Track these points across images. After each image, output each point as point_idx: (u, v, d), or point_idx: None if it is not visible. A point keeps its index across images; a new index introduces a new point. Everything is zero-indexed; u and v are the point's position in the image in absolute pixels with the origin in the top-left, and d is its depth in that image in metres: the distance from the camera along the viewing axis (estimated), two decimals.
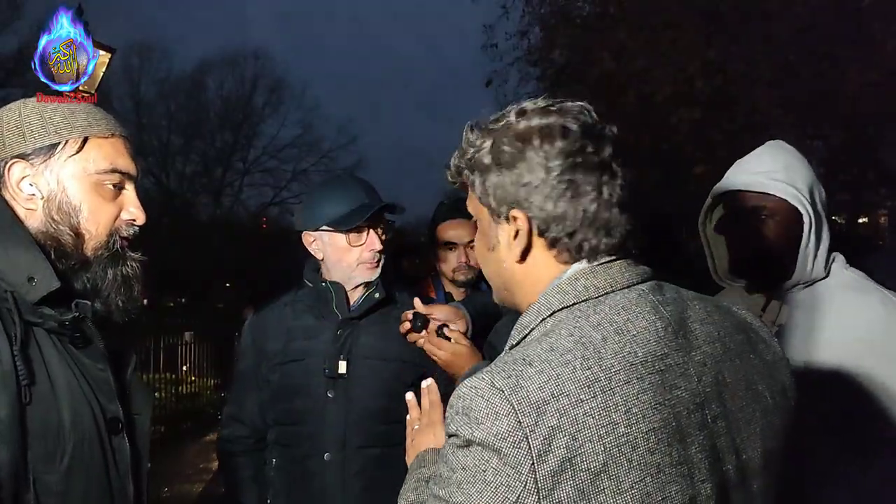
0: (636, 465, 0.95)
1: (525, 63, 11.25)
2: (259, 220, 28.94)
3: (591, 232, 1.08)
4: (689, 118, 8.34)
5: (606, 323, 1.02)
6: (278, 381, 2.12)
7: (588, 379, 0.96)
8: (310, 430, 2.06)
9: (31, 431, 1.19)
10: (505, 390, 0.95)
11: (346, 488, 2.03)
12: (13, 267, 1.23)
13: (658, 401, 0.98)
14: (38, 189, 1.31)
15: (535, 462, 0.92)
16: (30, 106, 1.35)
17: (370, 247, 2.09)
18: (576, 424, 0.94)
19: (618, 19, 9.48)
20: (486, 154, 1.11)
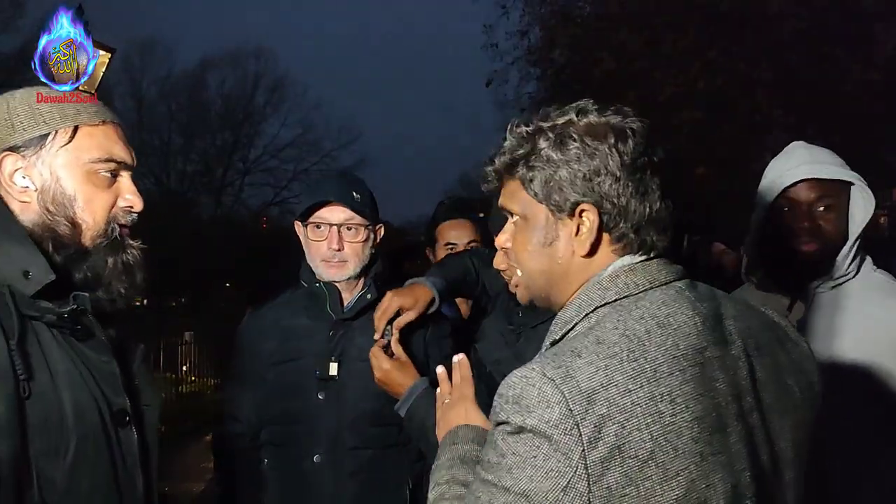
0: (681, 453, 0.99)
1: (525, 63, 11.29)
2: (259, 220, 28.93)
3: (653, 229, 1.11)
4: (690, 119, 8.35)
5: (649, 317, 1.05)
6: (272, 380, 2.11)
7: (635, 370, 1.00)
8: (302, 430, 2.06)
9: (32, 426, 1.17)
10: (556, 379, 0.99)
11: (338, 490, 2.02)
12: (8, 262, 1.22)
13: (700, 391, 1.02)
14: (32, 181, 1.29)
15: (585, 449, 0.96)
16: (17, 97, 1.32)
17: (329, 244, 2.06)
18: (624, 413, 0.97)
19: (618, 20, 9.48)
20: (552, 150, 1.11)
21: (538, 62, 11.15)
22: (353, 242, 2.08)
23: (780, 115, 8.02)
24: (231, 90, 29.50)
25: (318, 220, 2.08)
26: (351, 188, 2.09)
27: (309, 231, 2.10)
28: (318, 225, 2.08)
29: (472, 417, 1.43)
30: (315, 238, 2.09)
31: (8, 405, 1.14)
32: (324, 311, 2.11)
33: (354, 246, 2.08)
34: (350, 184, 2.13)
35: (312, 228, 2.09)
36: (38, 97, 1.32)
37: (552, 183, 1.11)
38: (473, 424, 1.41)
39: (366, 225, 2.08)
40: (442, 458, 1.35)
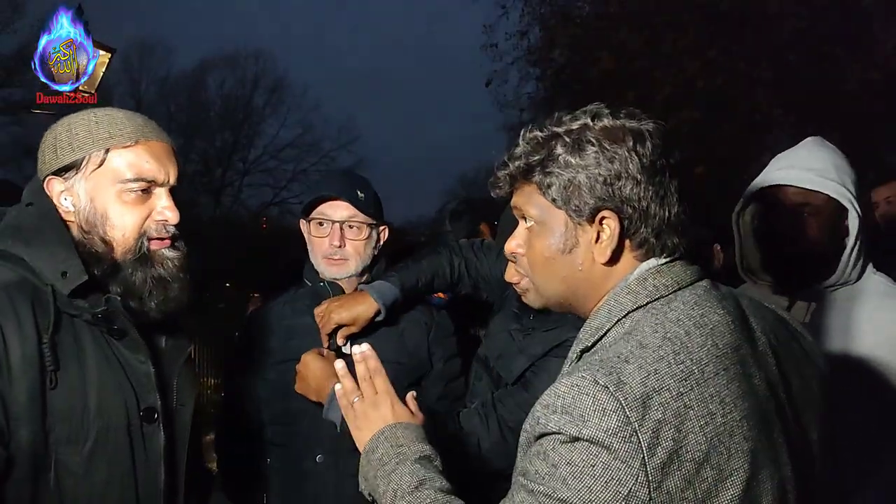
0: (735, 453, 0.99)
1: (525, 63, 11.28)
2: (259, 220, 28.92)
3: (673, 232, 1.11)
4: (689, 118, 8.35)
5: (685, 318, 1.05)
6: (274, 380, 2.10)
7: (683, 373, 1.00)
8: (303, 431, 2.05)
9: (55, 414, 1.27)
10: (610, 387, 0.97)
11: (339, 490, 2.01)
12: (51, 264, 1.32)
13: (744, 389, 1.03)
14: (72, 203, 1.39)
15: (645, 456, 0.95)
16: (65, 123, 1.42)
17: (331, 241, 2.05)
18: (678, 417, 0.97)
19: (618, 19, 9.48)
20: (569, 154, 1.10)
21: (538, 62, 11.14)
22: (355, 241, 2.07)
23: (779, 114, 8.03)
24: (230, 91, 29.53)
25: (321, 216, 2.08)
26: (355, 186, 2.09)
27: (312, 227, 2.10)
28: (321, 222, 2.08)
29: (401, 415, 1.37)
30: (317, 234, 2.09)
31: (30, 394, 1.25)
32: None
33: (356, 244, 2.07)
34: (354, 182, 2.13)
35: (315, 225, 2.09)
36: (79, 122, 1.41)
37: (571, 188, 1.10)
38: (406, 423, 1.35)
39: (368, 224, 2.08)
40: (389, 462, 1.27)
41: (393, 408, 1.37)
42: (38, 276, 1.32)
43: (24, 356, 1.25)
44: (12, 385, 1.23)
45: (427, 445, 1.30)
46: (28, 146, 22.38)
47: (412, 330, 2.14)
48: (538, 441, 1.02)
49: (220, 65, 29.39)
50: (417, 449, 1.28)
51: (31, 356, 1.25)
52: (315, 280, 2.13)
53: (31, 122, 21.11)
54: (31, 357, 1.25)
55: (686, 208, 1.12)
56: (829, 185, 1.74)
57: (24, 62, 5.94)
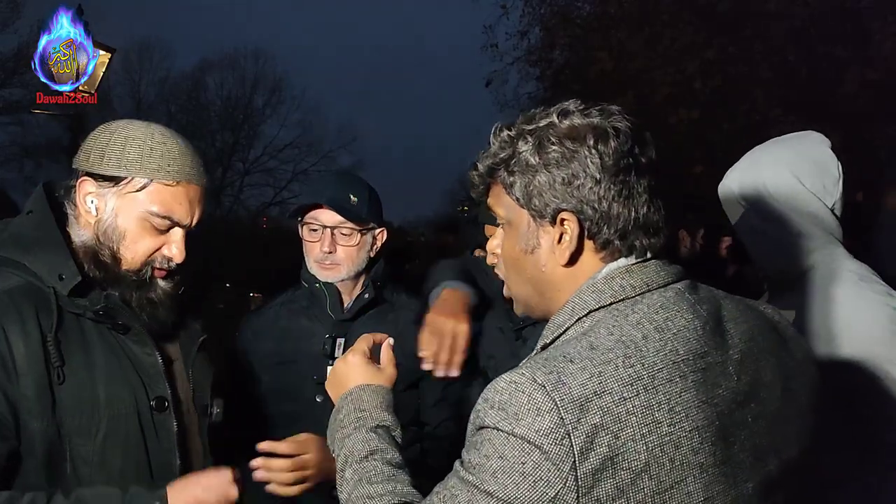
0: (678, 465, 0.95)
1: (525, 63, 11.28)
2: (259, 220, 28.90)
3: (642, 233, 1.07)
4: (687, 118, 8.35)
5: (646, 321, 1.01)
6: (270, 382, 2.10)
7: (631, 377, 0.95)
8: (300, 432, 2.05)
9: (65, 407, 1.36)
10: (547, 386, 0.94)
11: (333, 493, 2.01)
12: (49, 268, 1.40)
13: (701, 399, 0.98)
14: (97, 209, 1.46)
15: (576, 460, 0.92)
16: (121, 134, 1.47)
17: (321, 246, 2.05)
18: (619, 423, 0.93)
19: (617, 19, 9.49)
20: (529, 154, 1.08)
21: (538, 62, 11.14)
22: (347, 246, 2.06)
23: (778, 114, 8.02)
24: (230, 91, 29.50)
25: (312, 221, 2.07)
26: (349, 191, 2.08)
27: (304, 232, 2.10)
28: (313, 226, 2.08)
29: (371, 375, 1.34)
30: (309, 239, 2.09)
31: (38, 389, 1.33)
32: (324, 312, 2.11)
33: (348, 250, 2.07)
34: (348, 186, 2.11)
35: (307, 229, 2.09)
36: (134, 139, 1.46)
37: (531, 188, 1.08)
38: (376, 385, 1.32)
39: (360, 230, 2.07)
40: (347, 424, 1.25)
41: (363, 368, 1.34)
42: (39, 279, 1.40)
43: (28, 355, 1.33)
44: (19, 381, 1.32)
45: (388, 414, 1.27)
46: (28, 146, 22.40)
47: (409, 332, 2.14)
48: (478, 432, 1.00)
49: (219, 65, 29.38)
50: (377, 416, 1.26)
51: (35, 353, 1.33)
52: (311, 281, 2.13)
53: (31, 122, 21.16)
54: (35, 354, 1.33)
55: (660, 207, 1.08)
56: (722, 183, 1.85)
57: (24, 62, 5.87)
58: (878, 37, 7.39)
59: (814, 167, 1.76)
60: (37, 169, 21.34)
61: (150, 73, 28.47)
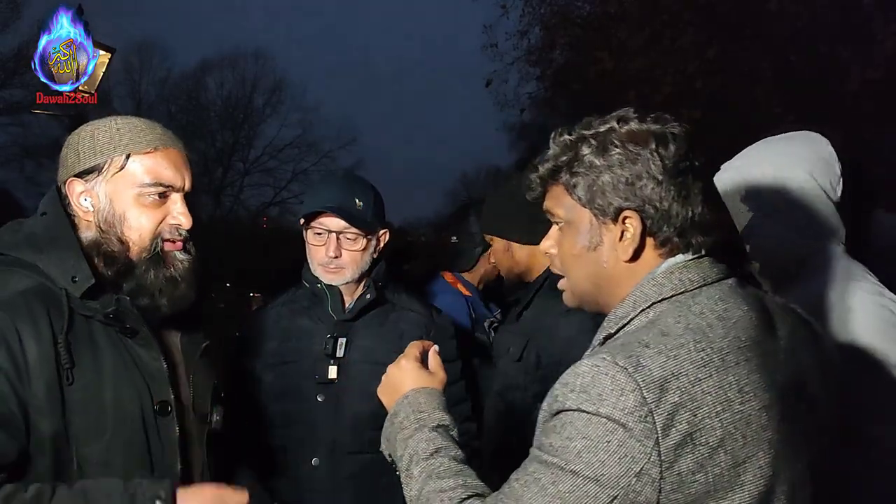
0: (750, 441, 1.03)
1: (525, 63, 11.26)
2: (259, 220, 28.92)
3: (698, 231, 1.15)
4: (689, 117, 8.34)
5: (708, 311, 1.09)
6: (271, 382, 2.10)
7: (703, 360, 1.03)
8: (300, 433, 2.05)
9: (73, 408, 1.37)
10: (628, 368, 1.01)
11: (336, 493, 2.01)
12: (62, 270, 1.41)
13: (765, 381, 1.07)
14: (92, 204, 1.47)
15: (659, 436, 0.99)
16: (87, 129, 1.50)
17: (326, 251, 2.05)
18: (695, 401, 1.01)
19: (617, 19, 9.48)
20: (593, 155, 1.15)
21: (538, 62, 11.13)
22: (352, 250, 2.07)
23: (779, 113, 8.01)
24: (230, 91, 29.54)
25: (318, 225, 2.07)
26: (354, 195, 2.07)
27: (309, 235, 2.09)
28: (318, 230, 2.07)
29: (424, 379, 1.39)
30: (314, 243, 2.09)
31: (48, 390, 1.34)
32: (325, 312, 2.11)
33: (353, 254, 2.07)
34: (353, 190, 2.10)
35: (312, 233, 2.09)
36: (101, 128, 1.49)
37: (595, 188, 1.15)
38: (430, 388, 1.37)
39: (365, 234, 2.07)
40: (408, 426, 1.30)
41: (416, 372, 1.40)
42: (52, 281, 1.41)
43: (40, 355, 1.34)
44: (31, 382, 1.33)
45: (446, 414, 1.33)
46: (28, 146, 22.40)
47: (412, 332, 2.14)
48: (555, 417, 1.06)
49: (219, 65, 29.42)
50: (437, 417, 1.31)
51: (47, 355, 1.35)
52: (313, 282, 2.13)
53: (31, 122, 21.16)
54: (47, 356, 1.35)
55: (711, 208, 1.17)
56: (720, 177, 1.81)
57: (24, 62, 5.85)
58: (880, 37, 7.38)
59: (824, 164, 1.78)
60: (37, 169, 21.37)
61: (150, 73, 28.57)
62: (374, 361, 2.06)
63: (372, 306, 2.13)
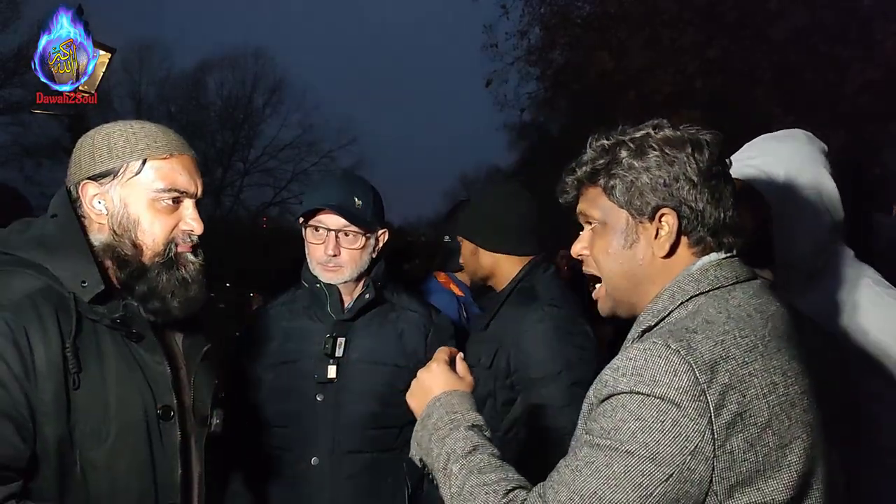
0: (795, 422, 1.08)
1: (525, 63, 11.25)
2: (259, 220, 28.91)
3: (729, 232, 1.21)
4: (688, 118, 8.34)
5: (745, 304, 1.15)
6: (271, 382, 2.10)
7: (748, 345, 1.09)
8: (299, 433, 2.05)
9: (78, 412, 1.37)
10: (681, 351, 1.06)
11: (335, 492, 2.01)
12: (72, 273, 1.41)
13: (803, 368, 1.13)
14: (105, 207, 1.48)
15: (712, 415, 1.03)
16: (102, 132, 1.51)
17: (325, 249, 2.05)
18: (744, 383, 1.06)
19: (617, 19, 9.48)
20: (632, 157, 1.21)
21: (538, 62, 11.12)
22: (351, 249, 2.07)
23: (779, 113, 8.01)
24: (230, 91, 29.52)
25: (317, 223, 2.07)
26: (353, 193, 2.08)
27: (308, 233, 2.09)
28: (317, 228, 2.07)
29: (454, 382, 1.40)
30: (313, 241, 2.08)
31: (55, 394, 1.34)
32: (324, 312, 2.11)
33: (352, 252, 2.07)
34: (353, 188, 2.10)
35: (311, 231, 2.09)
36: (117, 132, 1.49)
37: (633, 189, 1.20)
38: (461, 391, 1.38)
39: (364, 233, 2.07)
40: (443, 426, 1.30)
41: (447, 376, 1.40)
42: (60, 283, 1.40)
43: (48, 359, 1.34)
44: (38, 387, 1.33)
45: (478, 415, 1.35)
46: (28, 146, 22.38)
47: (411, 332, 2.14)
48: (605, 402, 1.09)
49: (219, 65, 29.41)
50: (471, 417, 1.32)
51: (55, 359, 1.34)
52: (312, 281, 2.13)
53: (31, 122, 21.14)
54: (55, 360, 1.34)
55: (739, 211, 1.22)
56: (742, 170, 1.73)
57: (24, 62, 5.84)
58: (880, 37, 7.38)
59: (829, 165, 1.77)
60: (37, 169, 21.37)
61: (150, 73, 28.53)
62: (374, 361, 2.07)
63: (371, 306, 2.13)
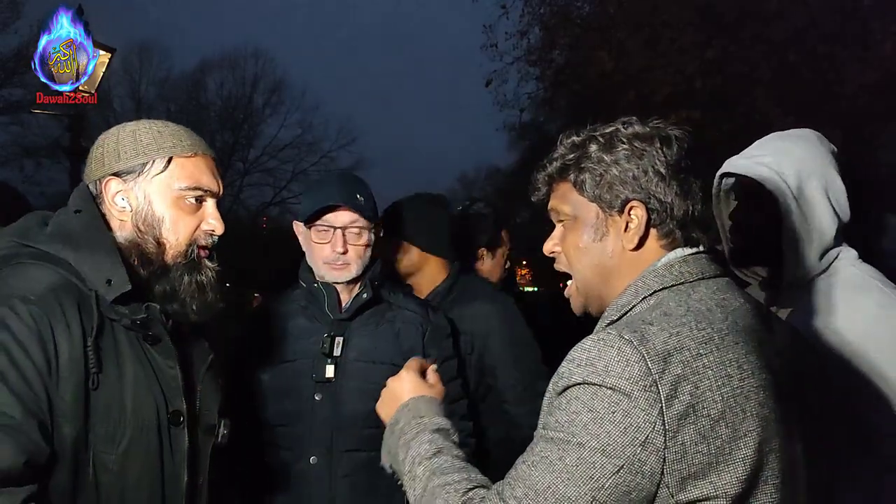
0: (749, 415, 1.07)
1: (525, 63, 11.25)
2: (259, 220, 28.91)
3: (697, 227, 1.21)
4: (688, 118, 8.34)
5: (707, 299, 1.15)
6: (269, 381, 2.11)
7: (704, 337, 1.08)
8: (297, 432, 2.05)
9: (96, 414, 1.35)
10: (633, 341, 1.05)
11: (333, 491, 2.02)
12: (97, 271, 1.39)
13: (762, 363, 1.11)
14: (129, 203, 1.47)
15: (663, 406, 1.02)
16: (127, 129, 1.51)
17: (333, 247, 2.06)
18: (697, 375, 1.05)
19: (617, 19, 9.49)
20: (601, 152, 1.21)
21: (538, 62, 11.12)
22: (357, 245, 2.08)
23: (778, 114, 8.01)
24: (230, 91, 29.49)
25: (324, 222, 2.08)
26: (355, 190, 2.10)
27: (313, 233, 2.09)
28: (323, 228, 2.08)
29: (422, 388, 1.44)
30: (319, 241, 2.09)
31: (75, 394, 1.32)
32: (322, 312, 2.11)
33: (358, 248, 2.08)
34: (354, 185, 2.13)
35: (316, 231, 2.09)
36: (143, 129, 1.50)
37: (603, 182, 1.21)
38: (428, 396, 1.42)
39: (368, 227, 2.09)
40: (408, 431, 1.33)
41: (415, 383, 1.45)
42: (82, 280, 1.38)
43: (70, 357, 1.32)
44: (59, 385, 1.30)
45: (445, 419, 1.36)
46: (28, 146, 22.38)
47: (408, 331, 2.15)
48: (560, 395, 1.09)
49: (219, 65, 29.38)
50: (436, 421, 1.35)
51: (77, 358, 1.33)
52: (310, 281, 2.14)
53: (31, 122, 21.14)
54: (77, 358, 1.32)
55: (709, 207, 1.23)
56: (757, 169, 1.72)
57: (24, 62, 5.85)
58: (879, 37, 7.38)
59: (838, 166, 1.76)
60: (37, 169, 21.36)
61: (150, 73, 28.49)
62: (372, 360, 2.08)
63: (368, 305, 2.14)
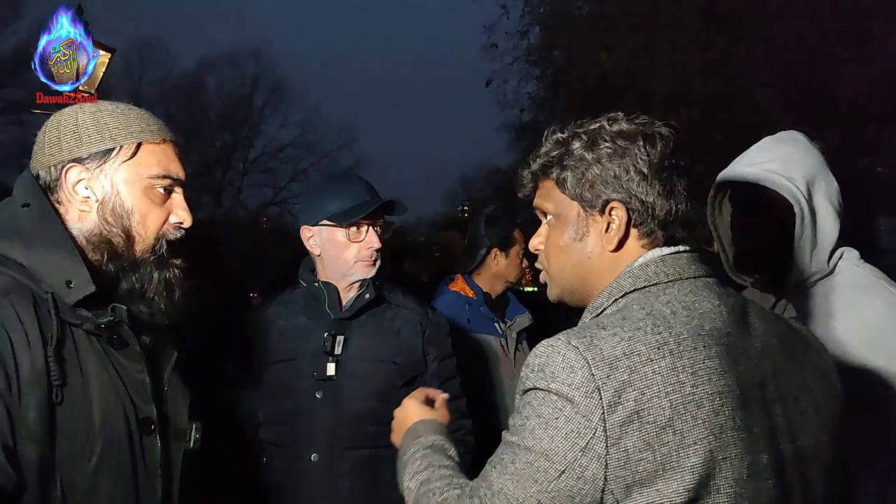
0: (700, 423, 1.03)
1: (525, 63, 11.27)
2: (259, 220, 28.92)
3: (680, 226, 1.19)
4: (688, 118, 8.35)
5: (675, 301, 1.12)
6: (269, 380, 2.11)
7: (657, 342, 1.05)
8: (298, 430, 2.06)
9: (61, 431, 1.21)
10: (580, 347, 1.05)
11: (334, 489, 2.02)
12: (53, 271, 1.26)
13: (724, 368, 1.07)
14: (93, 192, 1.34)
15: (605, 412, 1.01)
16: (86, 111, 1.37)
17: (368, 244, 2.10)
18: (645, 380, 1.03)
19: (617, 19, 9.49)
20: (583, 149, 1.20)
21: (538, 62, 11.14)
22: (381, 240, 2.14)
23: (778, 114, 8.01)
24: (230, 91, 29.51)
25: (365, 220, 2.11)
26: (371, 188, 2.17)
27: (350, 232, 2.11)
28: (365, 224, 2.11)
29: (425, 413, 1.50)
30: (356, 239, 2.11)
31: (38, 412, 1.18)
32: (322, 311, 2.12)
33: (380, 244, 2.14)
34: (367, 183, 2.19)
35: (354, 229, 2.11)
36: (105, 111, 1.36)
37: (584, 181, 1.19)
38: (429, 419, 1.47)
39: (389, 224, 2.18)
40: (408, 451, 1.38)
41: (417, 409, 1.51)
42: (37, 282, 1.25)
43: (32, 370, 1.17)
44: (21, 401, 1.16)
45: (441, 437, 1.40)
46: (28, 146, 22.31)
47: (407, 330, 2.16)
48: (521, 398, 1.11)
49: (219, 65, 29.40)
50: (432, 439, 1.38)
51: (39, 370, 1.18)
52: (310, 281, 2.15)
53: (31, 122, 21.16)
54: (39, 371, 1.18)
55: (695, 207, 1.20)
56: (770, 177, 1.72)
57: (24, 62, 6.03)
58: (879, 37, 7.38)
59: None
60: None
61: (150, 73, 28.50)
62: (372, 358, 2.09)
63: (369, 305, 2.14)
